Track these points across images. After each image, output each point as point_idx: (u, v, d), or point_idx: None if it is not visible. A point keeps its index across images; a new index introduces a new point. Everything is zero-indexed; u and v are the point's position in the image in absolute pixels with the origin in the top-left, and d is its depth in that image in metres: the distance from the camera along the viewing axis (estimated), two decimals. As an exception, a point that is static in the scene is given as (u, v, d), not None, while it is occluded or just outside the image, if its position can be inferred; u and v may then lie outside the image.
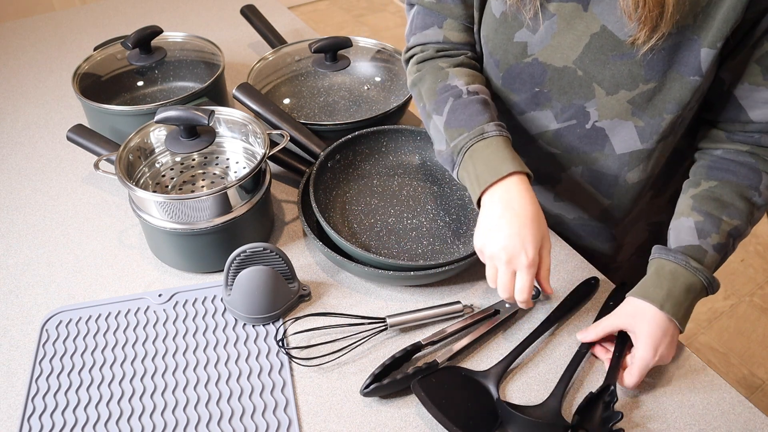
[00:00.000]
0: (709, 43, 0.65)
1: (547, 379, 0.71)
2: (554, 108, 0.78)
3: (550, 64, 0.74)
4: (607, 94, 0.73)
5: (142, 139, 0.86)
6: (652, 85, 0.70)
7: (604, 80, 0.72)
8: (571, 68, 0.73)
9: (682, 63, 0.68)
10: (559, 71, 0.74)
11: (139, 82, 1.05)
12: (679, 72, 0.68)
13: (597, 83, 0.73)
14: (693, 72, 0.67)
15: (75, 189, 0.98)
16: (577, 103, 0.76)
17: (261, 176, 0.83)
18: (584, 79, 0.73)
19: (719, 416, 0.67)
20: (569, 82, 0.74)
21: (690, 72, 0.68)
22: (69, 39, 1.41)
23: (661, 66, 0.68)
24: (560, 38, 0.72)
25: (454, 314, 0.76)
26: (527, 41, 0.74)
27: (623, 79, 0.71)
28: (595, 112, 0.75)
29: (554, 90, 0.76)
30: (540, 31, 0.72)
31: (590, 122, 0.76)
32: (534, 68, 0.76)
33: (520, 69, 0.77)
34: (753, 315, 1.91)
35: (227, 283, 0.75)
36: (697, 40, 0.66)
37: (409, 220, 0.87)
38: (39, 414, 0.67)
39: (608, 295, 0.79)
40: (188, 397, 0.69)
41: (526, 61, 0.76)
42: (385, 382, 0.67)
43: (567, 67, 0.73)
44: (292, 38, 1.32)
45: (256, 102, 0.95)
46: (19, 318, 0.78)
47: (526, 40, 0.74)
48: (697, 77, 0.68)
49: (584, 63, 0.72)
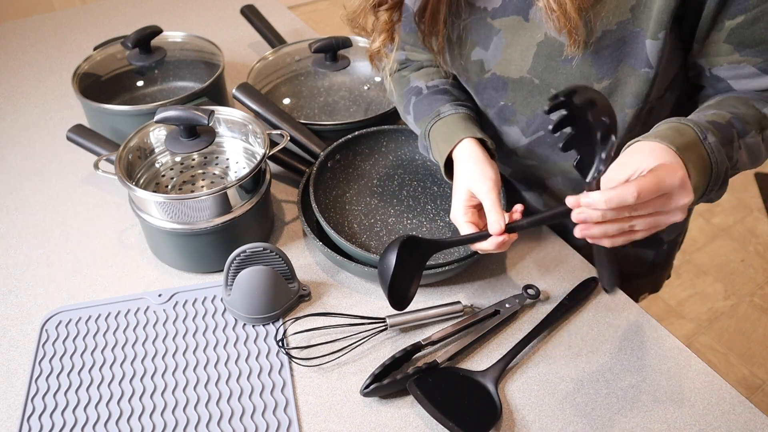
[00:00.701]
0: (651, 34, 0.64)
1: (546, 379, 0.71)
2: (520, 123, 0.79)
3: (508, 76, 0.75)
4: None
5: (142, 139, 0.86)
6: (606, 82, 0.70)
7: (560, 85, 0.72)
8: (527, 78, 0.74)
9: (631, 56, 0.67)
10: (518, 82, 0.75)
11: (139, 82, 1.05)
12: (630, 65, 0.68)
13: (554, 89, 0.73)
14: (643, 64, 0.67)
15: (75, 189, 0.98)
16: (541, 113, 0.76)
17: (261, 176, 0.82)
18: (542, 86, 0.74)
19: (719, 416, 0.67)
20: (529, 91, 0.75)
21: (640, 65, 0.67)
22: (69, 39, 1.40)
23: (611, 62, 0.68)
24: (510, 51, 0.73)
25: (454, 314, 0.76)
26: (482, 58, 0.76)
27: (577, 80, 0.70)
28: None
29: (518, 102, 0.77)
30: (491, 47, 0.74)
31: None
32: (495, 82, 0.77)
33: (484, 84, 0.79)
34: (753, 315, 1.91)
35: (227, 283, 0.75)
36: (641, 32, 0.65)
37: (409, 220, 0.87)
38: (39, 414, 0.67)
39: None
40: (188, 398, 0.69)
41: (486, 76, 0.78)
42: (385, 382, 0.67)
43: (523, 77, 0.74)
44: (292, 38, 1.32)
45: (256, 102, 0.95)
46: (18, 318, 0.78)
47: (482, 57, 0.76)
48: (647, 69, 0.67)
49: (537, 71, 0.72)
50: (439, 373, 0.69)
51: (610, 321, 0.77)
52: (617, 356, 0.73)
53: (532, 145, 0.81)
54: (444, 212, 0.88)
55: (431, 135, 0.80)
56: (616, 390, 0.69)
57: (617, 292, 0.79)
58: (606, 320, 0.77)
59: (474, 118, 0.80)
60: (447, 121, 0.79)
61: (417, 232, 0.85)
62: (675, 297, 1.96)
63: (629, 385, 0.70)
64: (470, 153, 0.74)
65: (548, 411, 0.68)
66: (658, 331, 0.75)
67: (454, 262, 0.77)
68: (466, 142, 0.75)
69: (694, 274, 2.04)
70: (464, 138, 0.75)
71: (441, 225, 0.86)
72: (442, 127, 0.79)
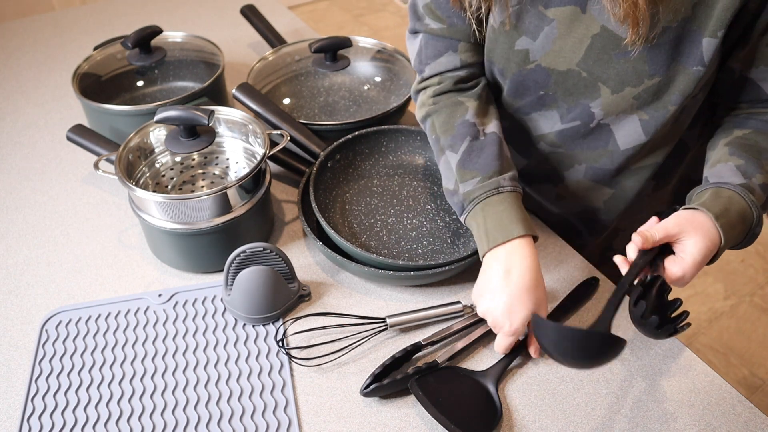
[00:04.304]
0: (710, 32, 0.65)
1: (546, 379, 0.71)
2: (560, 108, 0.78)
3: (554, 68, 0.74)
4: (613, 92, 0.73)
5: (142, 139, 0.86)
6: (656, 79, 0.70)
7: (609, 79, 0.72)
8: (575, 71, 0.73)
9: (685, 54, 0.68)
10: (563, 75, 0.74)
11: (139, 82, 1.05)
12: (682, 64, 0.68)
13: (602, 83, 0.73)
14: (696, 62, 0.67)
15: (75, 189, 0.98)
16: (583, 103, 0.76)
17: (261, 176, 0.82)
18: (589, 80, 0.73)
19: (719, 416, 0.67)
20: (574, 84, 0.74)
21: (693, 63, 0.68)
22: (69, 39, 1.40)
23: (664, 60, 0.68)
24: (561, 42, 0.72)
25: (454, 314, 0.76)
26: (529, 48, 0.74)
27: (628, 76, 0.71)
28: (600, 111, 0.75)
29: (559, 92, 0.76)
30: (540, 38, 0.72)
31: (595, 121, 0.76)
32: (538, 74, 0.76)
33: (524, 76, 0.77)
34: (753, 315, 1.91)
35: (227, 283, 0.75)
36: (698, 30, 0.66)
37: (409, 220, 0.87)
38: (39, 414, 0.67)
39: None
40: (188, 398, 0.69)
41: (529, 67, 0.76)
42: (385, 382, 0.67)
43: (571, 70, 0.73)
44: (292, 38, 1.32)
45: (256, 102, 0.95)
46: (18, 318, 0.78)
47: (528, 47, 0.74)
48: (700, 67, 0.68)
49: (588, 64, 0.72)
50: (440, 373, 0.69)
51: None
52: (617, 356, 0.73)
53: (565, 132, 0.80)
54: (444, 212, 0.88)
55: (482, 207, 0.72)
56: (616, 390, 0.69)
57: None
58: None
59: (522, 195, 0.75)
60: (504, 200, 0.72)
61: (417, 232, 0.85)
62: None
63: (629, 385, 0.70)
64: (529, 261, 0.69)
65: (548, 411, 0.68)
66: (658, 331, 0.75)
67: (454, 262, 0.77)
68: (523, 241, 0.69)
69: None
70: (522, 236, 0.69)
71: (441, 225, 0.86)
72: (498, 206, 0.71)
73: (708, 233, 0.64)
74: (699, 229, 0.64)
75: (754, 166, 0.68)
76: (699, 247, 0.63)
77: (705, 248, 0.63)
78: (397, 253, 0.82)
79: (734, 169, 0.68)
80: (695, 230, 0.64)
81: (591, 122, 0.77)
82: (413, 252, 0.82)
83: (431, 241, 0.84)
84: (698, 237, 0.63)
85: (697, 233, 0.64)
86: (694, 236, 0.64)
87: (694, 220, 0.65)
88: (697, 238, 0.63)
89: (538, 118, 0.81)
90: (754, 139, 0.71)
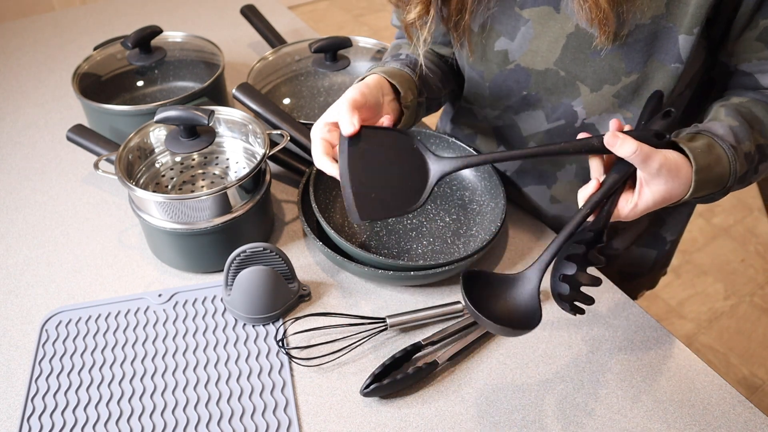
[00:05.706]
0: (686, 29, 0.65)
1: (546, 379, 0.71)
2: (545, 108, 0.79)
3: (533, 68, 0.75)
4: (592, 90, 0.73)
5: (142, 139, 0.86)
6: (634, 76, 0.70)
7: (587, 78, 0.72)
8: (553, 70, 0.73)
9: (662, 51, 0.67)
10: (542, 74, 0.75)
11: (138, 82, 1.05)
12: (660, 61, 0.68)
13: (580, 81, 0.73)
14: (673, 60, 0.67)
15: (75, 189, 0.98)
16: (566, 102, 0.76)
17: (261, 176, 0.83)
18: (567, 78, 0.73)
19: (719, 416, 0.67)
20: (554, 83, 0.75)
21: (670, 60, 0.68)
22: (69, 39, 1.40)
23: (641, 57, 0.68)
24: (538, 42, 0.72)
25: (454, 314, 0.76)
26: (507, 48, 0.75)
27: (605, 74, 0.71)
28: (582, 110, 0.75)
29: (541, 92, 0.77)
30: (518, 38, 0.73)
31: (579, 121, 0.77)
32: (518, 74, 0.77)
33: (505, 76, 0.78)
34: (753, 315, 1.91)
35: (227, 283, 0.75)
36: (674, 27, 0.65)
37: (409, 220, 0.87)
38: (39, 414, 0.67)
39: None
40: (188, 398, 0.69)
41: (509, 68, 0.77)
42: (385, 382, 0.67)
43: (549, 69, 0.74)
44: (292, 38, 1.32)
45: (256, 102, 0.95)
46: (18, 318, 0.78)
47: (506, 48, 0.75)
48: (677, 64, 0.67)
49: (565, 63, 0.72)
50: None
51: (610, 321, 0.77)
52: (617, 356, 0.73)
53: (552, 132, 0.80)
54: (444, 212, 0.88)
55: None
56: (616, 390, 0.70)
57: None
58: (606, 320, 0.77)
59: (408, 74, 0.77)
60: (384, 69, 0.76)
61: (417, 232, 0.85)
62: (675, 297, 1.96)
63: (629, 385, 0.70)
64: (365, 81, 0.71)
65: (548, 411, 0.68)
66: (658, 331, 0.76)
67: (454, 262, 0.77)
68: (373, 76, 0.73)
69: (694, 274, 2.04)
70: (373, 74, 0.73)
71: (441, 225, 0.86)
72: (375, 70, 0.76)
73: (678, 188, 0.61)
74: (674, 179, 0.61)
75: (746, 133, 0.67)
76: (658, 197, 0.61)
77: (663, 200, 0.61)
78: (397, 253, 0.82)
79: (728, 129, 0.66)
80: (671, 178, 0.60)
81: (575, 122, 0.77)
82: (413, 252, 0.82)
83: (431, 241, 0.84)
84: (667, 186, 0.61)
85: (668, 182, 0.60)
86: (664, 184, 0.60)
87: (678, 171, 0.61)
88: (665, 187, 0.61)
89: (526, 118, 0.82)
90: (750, 107, 0.70)
